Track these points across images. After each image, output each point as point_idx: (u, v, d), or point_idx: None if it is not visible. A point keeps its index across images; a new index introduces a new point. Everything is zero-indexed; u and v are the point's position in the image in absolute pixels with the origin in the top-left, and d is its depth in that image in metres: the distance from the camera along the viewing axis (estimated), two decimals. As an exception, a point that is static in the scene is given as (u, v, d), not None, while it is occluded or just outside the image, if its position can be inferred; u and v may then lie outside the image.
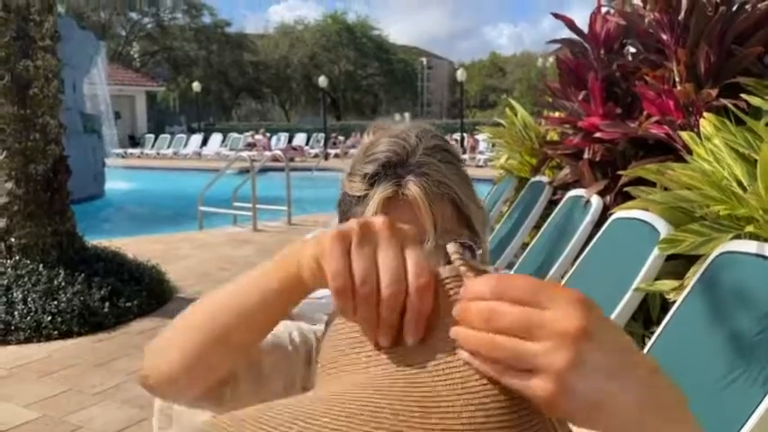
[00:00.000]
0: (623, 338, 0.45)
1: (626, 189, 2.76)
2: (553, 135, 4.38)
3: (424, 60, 66.50)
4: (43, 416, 3.15)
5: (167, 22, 44.24)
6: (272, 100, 53.64)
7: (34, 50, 4.83)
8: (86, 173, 11.43)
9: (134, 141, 31.68)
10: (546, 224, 3.63)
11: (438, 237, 0.74)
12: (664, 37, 2.93)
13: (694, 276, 1.93)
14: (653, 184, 2.64)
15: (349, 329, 0.53)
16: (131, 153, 27.42)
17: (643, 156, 3.11)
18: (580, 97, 3.54)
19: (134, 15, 43.16)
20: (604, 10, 3.68)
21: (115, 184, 14.10)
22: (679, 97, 2.75)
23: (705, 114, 2.42)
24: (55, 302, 4.35)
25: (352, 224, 0.53)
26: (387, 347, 0.51)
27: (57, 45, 5.07)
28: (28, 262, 4.63)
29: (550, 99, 3.99)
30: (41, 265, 4.62)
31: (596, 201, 3.16)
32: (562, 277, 2.90)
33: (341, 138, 29.86)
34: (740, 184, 2.05)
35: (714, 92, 2.60)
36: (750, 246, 1.76)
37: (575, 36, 3.75)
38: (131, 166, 20.39)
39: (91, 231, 5.69)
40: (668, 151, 2.86)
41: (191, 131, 33.56)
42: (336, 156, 24.76)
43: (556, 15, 3.83)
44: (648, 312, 2.53)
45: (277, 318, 0.64)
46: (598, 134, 3.23)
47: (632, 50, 3.59)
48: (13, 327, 4.18)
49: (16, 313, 4.23)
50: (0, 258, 4.64)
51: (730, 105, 2.39)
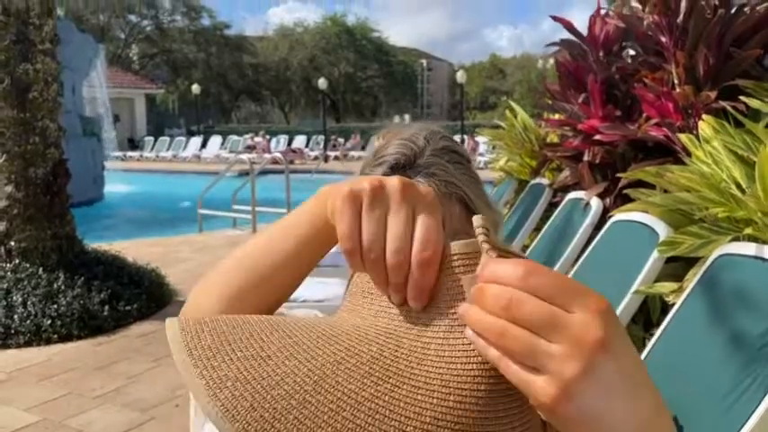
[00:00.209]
0: (638, 359, 0.43)
1: (625, 191, 2.76)
2: (553, 137, 4.38)
3: (424, 62, 66.38)
4: (43, 419, 3.15)
5: (166, 25, 44.23)
6: (272, 102, 53.62)
7: (34, 54, 4.84)
8: (86, 176, 11.44)
9: (133, 144, 31.71)
10: (546, 226, 3.63)
11: (447, 237, 0.75)
12: (663, 39, 2.94)
13: (694, 278, 1.93)
14: (652, 187, 2.64)
15: (369, 277, 0.54)
16: (131, 156, 27.45)
17: (642, 158, 3.11)
18: (580, 100, 3.54)
19: (133, 18, 43.22)
20: (603, 12, 3.68)
21: (114, 188, 14.10)
22: (678, 99, 2.75)
23: (704, 117, 2.42)
24: (55, 306, 4.35)
25: (364, 184, 0.53)
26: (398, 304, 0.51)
27: (56, 48, 5.08)
28: (28, 265, 4.63)
29: (550, 101, 3.99)
30: (41, 269, 4.62)
31: (596, 203, 3.16)
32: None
33: (340, 140, 29.89)
34: (739, 187, 2.05)
35: (713, 94, 2.60)
36: (749, 248, 1.76)
37: (574, 38, 3.76)
38: (131, 169, 20.41)
39: (90, 235, 5.70)
40: (667, 153, 2.86)
41: (190, 134, 33.63)
42: (336, 158, 24.78)
43: (555, 18, 3.83)
44: (648, 314, 2.53)
45: (314, 258, 0.69)
46: (598, 136, 3.23)
47: (631, 53, 3.58)
48: (13, 330, 4.18)
49: (16, 317, 4.23)
50: (0, 262, 4.65)
51: (729, 108, 2.39)
